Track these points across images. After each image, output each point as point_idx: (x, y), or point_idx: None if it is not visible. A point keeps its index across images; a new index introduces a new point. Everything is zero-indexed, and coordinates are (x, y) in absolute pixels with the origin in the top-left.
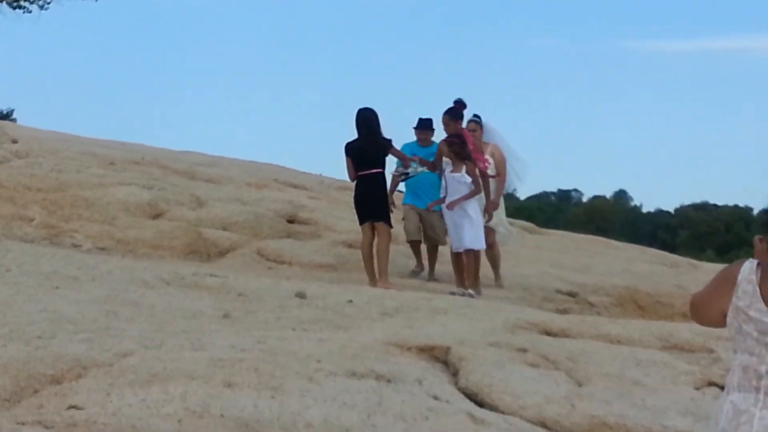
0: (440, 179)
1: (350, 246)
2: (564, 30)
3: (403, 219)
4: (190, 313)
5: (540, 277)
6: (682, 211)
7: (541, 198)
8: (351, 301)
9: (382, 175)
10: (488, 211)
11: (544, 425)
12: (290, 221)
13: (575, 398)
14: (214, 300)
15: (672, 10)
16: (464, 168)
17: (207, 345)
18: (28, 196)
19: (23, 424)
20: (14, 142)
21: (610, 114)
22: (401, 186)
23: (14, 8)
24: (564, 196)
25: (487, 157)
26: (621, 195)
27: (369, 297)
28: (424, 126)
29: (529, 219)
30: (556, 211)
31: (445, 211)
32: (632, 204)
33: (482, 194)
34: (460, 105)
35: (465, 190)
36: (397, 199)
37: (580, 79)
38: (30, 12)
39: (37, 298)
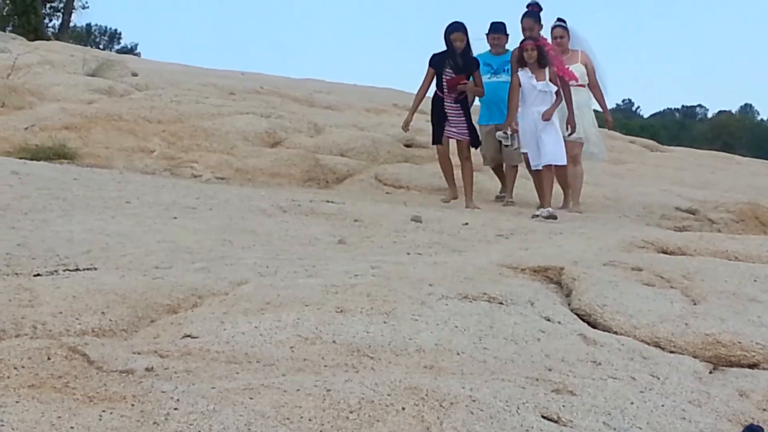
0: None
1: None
2: None
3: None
4: (306, 240)
5: (659, 195)
6: None
7: (665, 115)
8: (467, 224)
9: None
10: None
11: (657, 345)
12: (408, 145)
13: (689, 317)
14: (330, 226)
15: None
16: (547, 75)
17: (321, 271)
18: (149, 128)
19: (139, 353)
20: (134, 75)
21: (734, 26)
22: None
23: None
24: (689, 112)
25: (576, 65)
26: (747, 109)
27: (485, 219)
28: (498, 29)
29: (653, 136)
30: (680, 128)
31: (523, 119)
32: (759, 118)
33: (563, 104)
34: (538, 7)
35: (550, 100)
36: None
37: None
38: None
39: (155, 229)
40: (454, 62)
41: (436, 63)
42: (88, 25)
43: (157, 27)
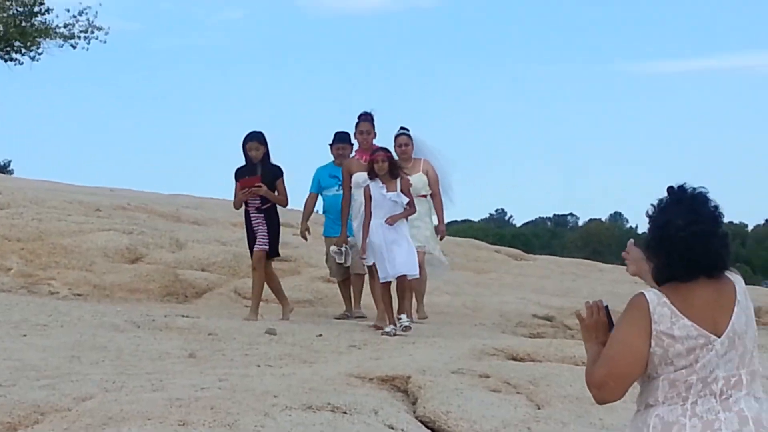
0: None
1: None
2: (559, 55)
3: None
4: (156, 355)
5: (518, 303)
6: None
7: (537, 223)
8: (320, 335)
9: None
10: (442, 231)
11: None
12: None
13: (532, 421)
14: (183, 341)
15: (662, 32)
16: (398, 185)
17: (168, 385)
18: (6, 246)
19: None
20: None
21: (605, 135)
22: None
23: (6, 60)
24: (560, 220)
25: (417, 175)
26: (617, 217)
27: (339, 331)
28: (342, 139)
29: (525, 245)
30: (551, 236)
31: (374, 231)
32: (628, 225)
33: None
34: (369, 114)
35: (401, 211)
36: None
37: (574, 102)
38: (22, 64)
39: (2, 347)
40: (250, 174)
41: (239, 176)
42: None
43: (31, 144)
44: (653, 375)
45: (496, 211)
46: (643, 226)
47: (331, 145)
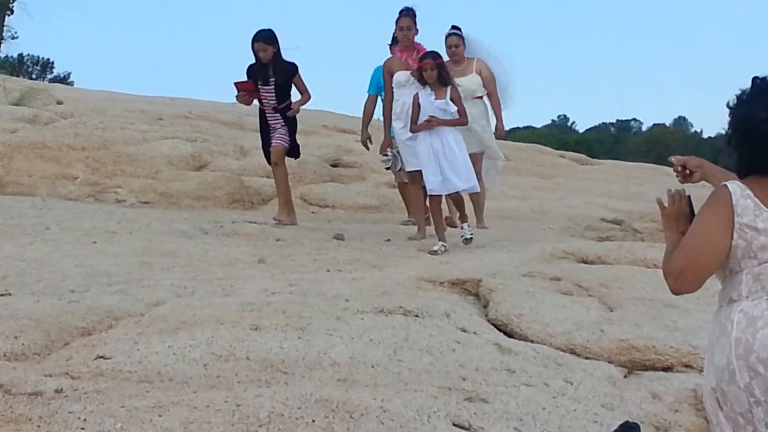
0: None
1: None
2: None
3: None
4: (225, 260)
5: (585, 207)
6: None
7: (600, 129)
8: (389, 240)
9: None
10: (501, 129)
11: (572, 352)
12: (334, 165)
13: (605, 323)
14: (251, 246)
15: None
16: (448, 94)
17: (238, 290)
18: (72, 155)
19: (50, 376)
20: (59, 103)
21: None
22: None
23: None
24: (623, 126)
25: (470, 76)
26: (681, 122)
27: (407, 235)
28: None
29: (588, 151)
30: (615, 141)
31: (421, 140)
32: (692, 130)
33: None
34: (410, 9)
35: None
36: None
37: (638, 4)
38: None
39: (73, 254)
40: (262, 74)
41: (251, 75)
42: (20, 54)
43: (90, 55)
44: (736, 269)
45: (559, 117)
46: (708, 131)
47: (390, 45)
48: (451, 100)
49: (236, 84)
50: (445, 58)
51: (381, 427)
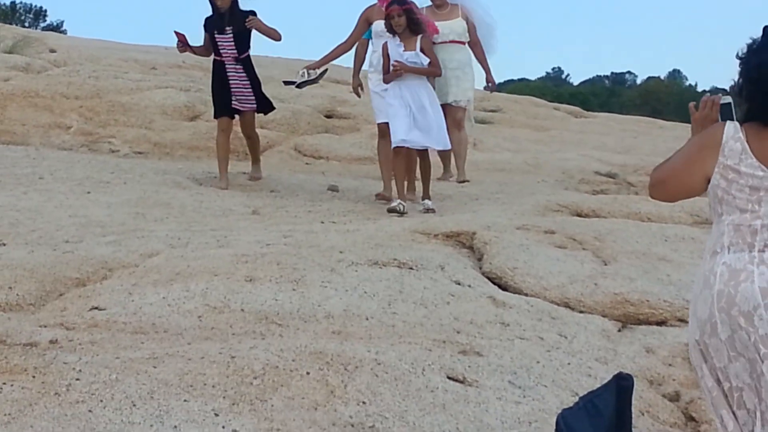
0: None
1: None
2: None
3: None
4: (219, 211)
5: (580, 160)
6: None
7: (594, 82)
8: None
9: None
10: (491, 81)
11: (566, 305)
12: (328, 116)
13: (599, 277)
14: (245, 197)
15: None
16: (419, 44)
17: (233, 241)
18: (66, 104)
19: (45, 326)
20: (52, 51)
21: None
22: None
23: None
24: (618, 78)
25: (456, 20)
26: (675, 75)
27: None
28: None
29: (582, 104)
30: (609, 94)
31: (390, 92)
32: (687, 83)
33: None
34: None
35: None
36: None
37: None
38: None
39: (67, 204)
40: (219, 23)
41: (208, 26)
42: (13, 2)
43: (84, 3)
44: (719, 211)
45: (553, 69)
46: (703, 84)
47: None
48: (422, 50)
49: (176, 32)
50: (427, 2)
51: (375, 380)
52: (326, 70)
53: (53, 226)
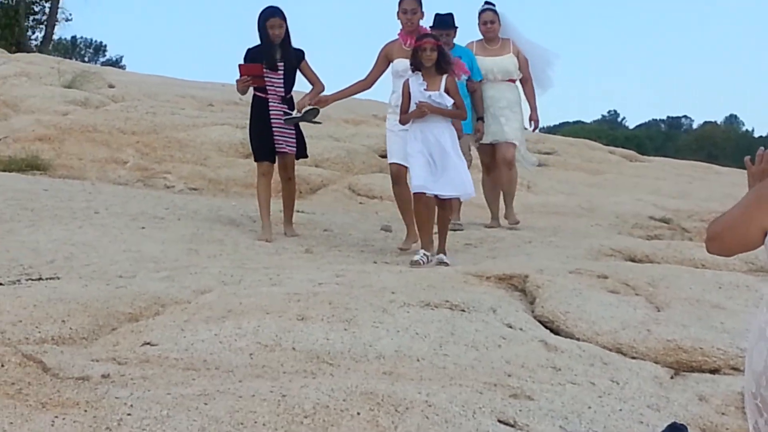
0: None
1: None
2: None
3: None
4: (273, 250)
5: (634, 205)
6: None
7: (650, 125)
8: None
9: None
10: (535, 120)
11: (618, 351)
12: (383, 156)
13: (652, 323)
14: (299, 237)
15: None
16: (443, 84)
17: (285, 280)
18: (123, 140)
19: (97, 360)
20: (111, 86)
21: (721, 37)
22: None
23: None
24: (674, 122)
25: (507, 56)
26: (732, 120)
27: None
28: (444, 24)
29: (638, 148)
30: (665, 138)
31: (411, 136)
32: (743, 129)
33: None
34: None
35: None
36: None
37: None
38: None
39: (121, 239)
40: (270, 56)
41: (255, 59)
42: (74, 37)
43: (143, 39)
44: None
45: (609, 112)
46: (760, 130)
47: (431, 27)
48: (446, 91)
49: (242, 66)
50: (478, 36)
51: (426, 422)
52: (316, 109)
53: (107, 261)
